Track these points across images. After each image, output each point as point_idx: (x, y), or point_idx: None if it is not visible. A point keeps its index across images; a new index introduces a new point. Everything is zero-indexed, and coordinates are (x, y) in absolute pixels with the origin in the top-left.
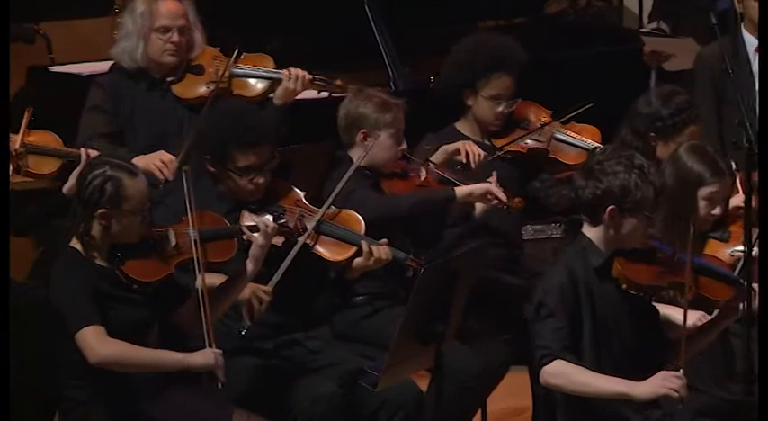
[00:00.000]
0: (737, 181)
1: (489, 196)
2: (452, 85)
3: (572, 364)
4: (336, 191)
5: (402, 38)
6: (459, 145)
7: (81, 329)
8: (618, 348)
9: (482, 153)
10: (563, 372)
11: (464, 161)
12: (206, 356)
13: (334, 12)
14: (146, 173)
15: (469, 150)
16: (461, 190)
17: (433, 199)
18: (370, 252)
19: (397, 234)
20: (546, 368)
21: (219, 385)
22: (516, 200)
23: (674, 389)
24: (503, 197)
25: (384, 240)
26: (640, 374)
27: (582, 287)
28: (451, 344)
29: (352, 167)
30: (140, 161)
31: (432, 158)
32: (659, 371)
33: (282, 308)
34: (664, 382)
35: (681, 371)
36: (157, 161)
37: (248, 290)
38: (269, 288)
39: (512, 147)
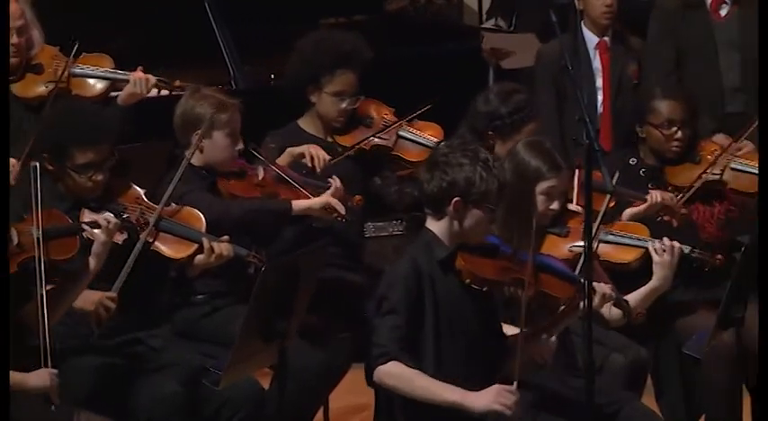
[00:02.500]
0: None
1: (328, 209)
2: (297, 81)
3: (408, 368)
4: (171, 188)
5: (243, 36)
6: (304, 148)
7: None
8: (462, 342)
9: (327, 157)
10: (399, 375)
11: (309, 165)
12: (41, 378)
13: (175, 10)
14: None
15: (314, 154)
16: (298, 204)
17: (267, 210)
18: (212, 248)
19: (237, 231)
20: (381, 368)
21: (53, 407)
22: (357, 198)
23: (506, 406)
24: (341, 210)
25: (225, 237)
26: (484, 369)
27: (426, 279)
28: (294, 342)
29: (183, 165)
30: None
31: (278, 160)
32: (502, 366)
33: (124, 307)
34: (497, 398)
35: (515, 383)
36: None
37: (94, 299)
38: (114, 294)
39: (356, 144)
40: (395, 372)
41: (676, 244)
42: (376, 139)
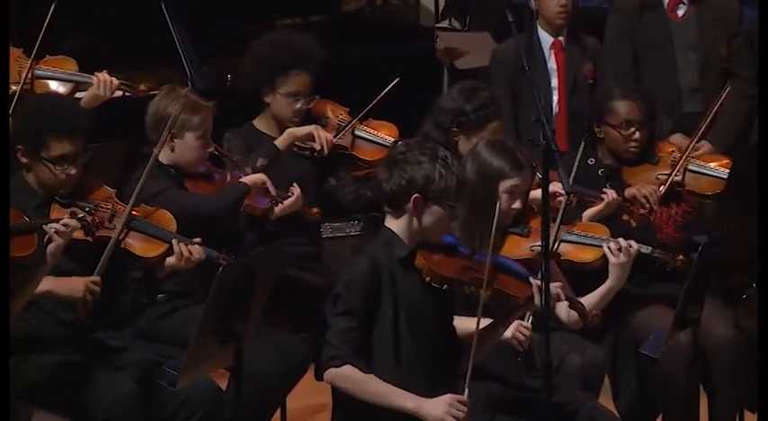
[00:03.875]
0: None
1: (261, 185)
2: (251, 81)
3: (362, 372)
4: (139, 185)
5: (199, 36)
6: (312, 129)
7: None
8: (422, 341)
9: (331, 138)
10: (352, 379)
11: (317, 148)
12: (74, 287)
13: (131, 10)
14: None
15: (322, 136)
16: (248, 179)
17: (237, 198)
18: (182, 253)
19: (213, 225)
20: (334, 371)
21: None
22: (314, 210)
23: (456, 418)
24: (272, 191)
25: (197, 240)
26: (442, 368)
27: (385, 276)
28: (251, 342)
29: (151, 161)
30: None
31: (277, 141)
32: (460, 365)
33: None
34: (449, 409)
35: (466, 392)
36: None
37: (79, 285)
38: (97, 278)
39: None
40: (348, 376)
41: (633, 244)
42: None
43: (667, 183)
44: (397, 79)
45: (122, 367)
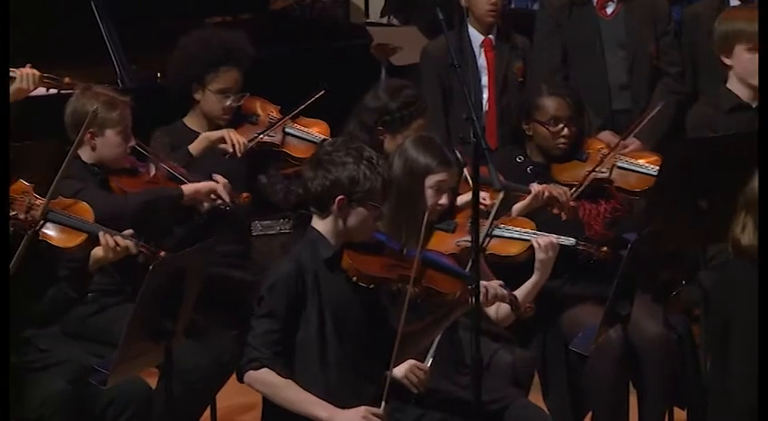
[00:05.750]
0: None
1: (213, 196)
2: (181, 79)
3: (279, 377)
4: (56, 181)
5: (129, 35)
6: (223, 133)
7: None
8: (350, 342)
9: (245, 141)
10: (269, 383)
11: (230, 150)
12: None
13: (61, 8)
14: None
15: (235, 139)
16: (188, 188)
17: (162, 197)
18: (115, 243)
19: (136, 225)
20: (252, 374)
21: None
22: (244, 195)
23: None
24: (226, 198)
25: (128, 231)
26: (372, 368)
27: (310, 277)
28: (181, 341)
29: (68, 159)
30: None
31: (191, 146)
32: (388, 365)
33: (12, 304)
34: None
35: (383, 404)
36: None
37: None
38: None
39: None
40: (266, 380)
41: (553, 237)
42: (264, 137)
43: (587, 180)
44: (324, 91)
45: (52, 366)
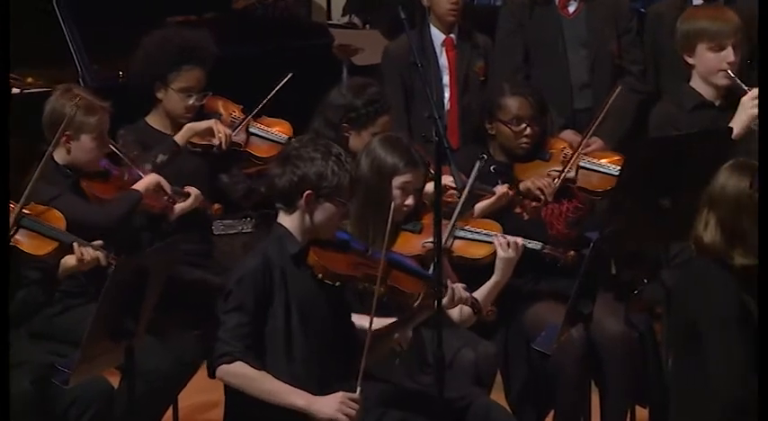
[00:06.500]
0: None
1: (156, 188)
2: (143, 77)
3: (253, 368)
4: (30, 185)
5: (91, 34)
6: (211, 123)
7: None
8: (315, 338)
9: (230, 132)
10: (244, 375)
11: (216, 143)
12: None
13: (23, 8)
14: None
15: (222, 131)
16: (140, 184)
17: (130, 205)
18: (82, 253)
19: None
20: (225, 367)
21: None
22: (216, 206)
23: (348, 416)
24: (168, 190)
25: (98, 242)
26: (337, 364)
27: (277, 272)
28: (142, 340)
29: (43, 161)
30: None
31: (177, 136)
32: (355, 362)
33: None
34: (341, 407)
35: (359, 391)
36: None
37: None
38: None
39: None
40: (240, 373)
41: (519, 240)
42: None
43: (560, 178)
44: (290, 75)
45: (14, 366)
